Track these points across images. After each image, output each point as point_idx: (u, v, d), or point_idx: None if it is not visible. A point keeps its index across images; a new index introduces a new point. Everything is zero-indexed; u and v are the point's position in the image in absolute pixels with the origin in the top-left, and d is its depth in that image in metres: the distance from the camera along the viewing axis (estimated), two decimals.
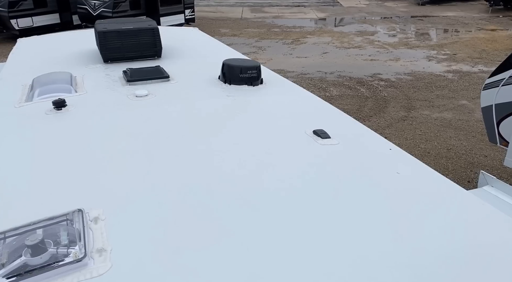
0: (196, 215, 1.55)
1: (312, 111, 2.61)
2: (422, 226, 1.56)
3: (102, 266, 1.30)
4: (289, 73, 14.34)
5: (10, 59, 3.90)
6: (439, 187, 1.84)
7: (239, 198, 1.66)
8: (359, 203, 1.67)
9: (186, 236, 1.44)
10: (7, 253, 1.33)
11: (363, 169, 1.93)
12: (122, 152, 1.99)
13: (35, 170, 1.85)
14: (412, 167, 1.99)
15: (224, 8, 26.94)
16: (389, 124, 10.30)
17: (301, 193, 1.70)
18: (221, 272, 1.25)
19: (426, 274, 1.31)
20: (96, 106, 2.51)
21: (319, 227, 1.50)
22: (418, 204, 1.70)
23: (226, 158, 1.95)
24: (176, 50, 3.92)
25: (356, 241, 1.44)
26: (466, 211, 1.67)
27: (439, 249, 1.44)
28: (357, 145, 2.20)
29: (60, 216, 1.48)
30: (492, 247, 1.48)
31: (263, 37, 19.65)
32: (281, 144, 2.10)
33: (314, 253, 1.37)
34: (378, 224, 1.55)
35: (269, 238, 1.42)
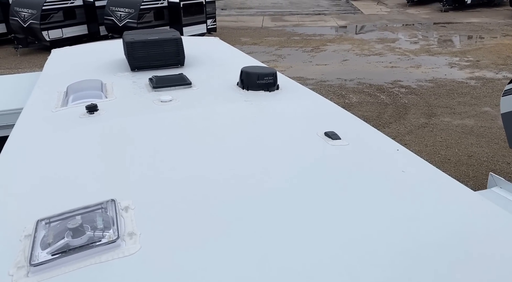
0: (214, 207, 1.72)
1: (324, 114, 2.75)
2: (428, 225, 1.63)
3: (132, 247, 1.49)
4: (309, 81, 14.47)
5: (46, 69, 4.20)
6: (446, 187, 1.94)
7: (254, 193, 1.82)
8: (365, 201, 1.78)
9: (205, 225, 1.61)
10: (52, 235, 1.53)
11: (370, 168, 2.06)
12: (148, 150, 2.19)
13: (73, 166, 2.06)
14: (419, 167, 2.10)
15: (245, 17, 27.34)
16: (409, 131, 10.27)
17: (311, 190, 1.84)
18: (237, 256, 1.41)
19: (429, 272, 1.40)
20: (125, 110, 2.73)
21: (325, 222, 1.63)
22: (424, 203, 1.80)
23: (243, 157, 2.12)
24: (198, 59, 4.14)
25: (361, 239, 1.54)
26: (473, 211, 1.76)
27: (444, 247, 1.52)
28: (366, 145, 2.33)
29: (96, 205, 1.68)
30: (498, 247, 1.55)
31: (283, 45, 19.85)
32: (294, 144, 2.26)
33: (319, 246, 1.50)
34: (383, 223, 1.64)
35: (280, 231, 1.56)
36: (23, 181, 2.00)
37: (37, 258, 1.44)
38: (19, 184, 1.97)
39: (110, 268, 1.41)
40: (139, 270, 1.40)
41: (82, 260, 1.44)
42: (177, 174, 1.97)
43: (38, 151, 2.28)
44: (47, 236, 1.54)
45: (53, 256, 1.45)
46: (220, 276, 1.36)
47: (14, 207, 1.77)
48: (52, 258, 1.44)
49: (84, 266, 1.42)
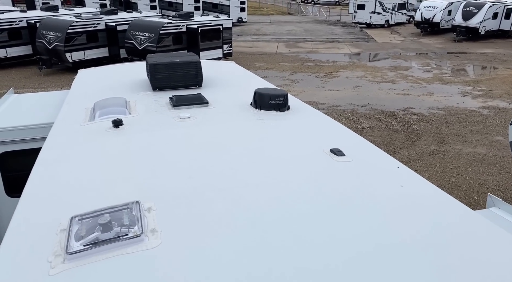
0: (225, 211, 1.91)
1: (331, 133, 2.94)
2: (425, 240, 1.74)
3: (154, 242, 1.68)
4: (321, 105, 14.71)
5: (73, 87, 4.52)
6: (444, 204, 2.08)
7: (261, 201, 2.00)
8: (365, 214, 1.93)
9: (216, 225, 1.80)
10: (85, 229, 1.74)
11: (371, 183, 2.22)
12: (168, 161, 2.41)
13: (101, 172, 2.29)
14: (418, 184, 2.25)
15: (260, 43, 28.04)
16: (420, 158, 10.34)
17: (315, 202, 2.02)
18: (243, 252, 1.58)
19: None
20: (147, 125, 2.97)
21: (324, 231, 1.79)
22: (422, 218, 1.93)
23: (253, 169, 2.32)
24: (215, 81, 4.41)
25: (358, 253, 1.64)
26: (470, 228, 1.89)
27: (441, 262, 1.60)
28: (368, 162, 2.49)
29: (122, 205, 1.89)
30: (495, 263, 1.63)
31: (297, 70, 20.26)
32: (301, 159, 2.45)
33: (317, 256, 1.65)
34: (381, 237, 1.76)
35: (286, 234, 1.72)
36: (58, 184, 2.23)
37: (72, 247, 1.65)
38: (54, 187, 2.20)
39: (134, 259, 1.60)
40: (160, 261, 1.59)
41: (110, 251, 1.63)
42: (194, 181, 2.18)
43: (70, 159, 2.52)
44: (80, 230, 1.74)
45: (85, 247, 1.65)
46: (229, 269, 1.54)
47: (50, 206, 1.99)
48: (84, 248, 1.64)
49: (112, 256, 1.61)
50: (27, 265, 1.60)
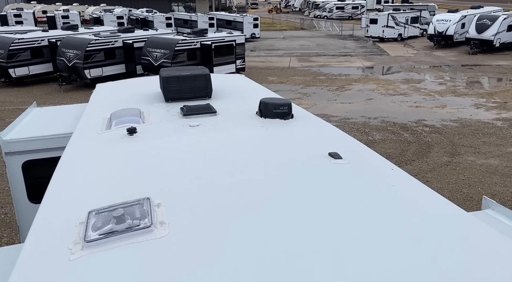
0: (228, 207, 2.09)
1: (331, 139, 3.10)
2: (417, 240, 1.81)
3: (162, 232, 1.87)
4: (332, 118, 14.84)
5: (92, 100, 4.81)
6: (438, 205, 2.20)
7: (262, 198, 2.18)
8: (358, 213, 2.05)
9: (220, 220, 1.97)
10: (101, 222, 1.94)
11: (365, 183, 2.37)
12: (177, 163, 2.61)
13: (116, 173, 2.50)
14: (410, 185, 2.38)
15: (273, 58, 28.45)
16: (431, 169, 10.34)
17: (309, 202, 2.18)
18: (240, 246, 1.73)
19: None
20: (159, 133, 3.19)
21: (320, 227, 1.92)
22: (415, 218, 2.04)
23: (255, 170, 2.50)
24: (224, 92, 4.63)
25: (348, 252, 1.72)
26: (463, 228, 2.00)
27: (432, 261, 1.66)
28: (364, 165, 2.64)
29: (135, 201, 2.08)
30: (488, 262, 1.69)
31: (309, 84, 20.47)
32: (301, 162, 2.61)
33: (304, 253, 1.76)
34: (372, 236, 1.85)
35: (282, 228, 1.86)
36: (77, 184, 2.45)
37: (89, 237, 1.85)
38: (73, 187, 2.42)
39: (144, 247, 1.79)
40: (168, 249, 1.77)
41: (123, 240, 1.82)
42: (200, 181, 2.37)
43: (87, 163, 2.75)
44: (97, 222, 1.95)
45: (101, 236, 1.84)
46: (229, 256, 1.71)
47: (70, 204, 2.20)
48: (100, 237, 1.84)
49: (124, 244, 1.80)
50: (51, 252, 1.80)
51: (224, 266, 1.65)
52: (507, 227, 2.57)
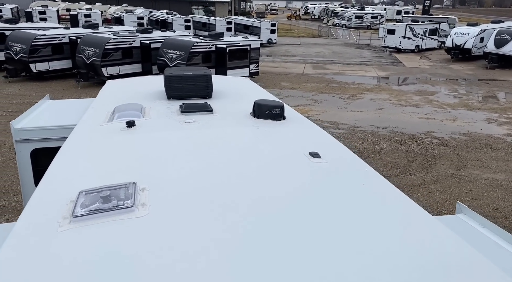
0: (209, 194, 2.27)
1: (317, 140, 3.26)
2: (380, 241, 1.88)
3: (143, 212, 2.07)
4: (341, 125, 14.93)
5: (100, 94, 5.07)
6: (404, 207, 2.29)
7: (240, 189, 2.36)
8: (325, 209, 2.17)
9: (199, 204, 2.16)
10: (89, 201, 2.15)
11: (336, 180, 2.53)
12: (168, 155, 2.81)
13: (110, 161, 2.72)
14: (380, 185, 2.52)
15: (288, 64, 28.66)
16: (435, 180, 10.35)
17: (279, 192, 2.34)
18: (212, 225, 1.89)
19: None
20: (156, 127, 3.41)
21: (279, 218, 2.04)
22: (379, 218, 2.11)
23: (239, 164, 2.69)
24: (226, 93, 4.83)
25: (295, 245, 1.80)
26: (425, 232, 2.02)
27: (393, 262, 1.72)
28: (341, 164, 2.79)
29: (121, 184, 2.29)
30: (444, 265, 1.75)
31: (321, 91, 20.58)
32: (282, 159, 2.79)
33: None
34: (336, 233, 1.94)
35: (259, 214, 2.02)
36: (72, 169, 2.67)
37: (77, 212, 2.06)
38: (69, 171, 2.64)
39: (125, 224, 1.99)
40: (146, 227, 1.97)
41: (106, 217, 2.03)
42: (185, 171, 2.57)
43: (85, 150, 2.98)
44: (85, 201, 2.16)
45: (87, 212, 2.05)
46: (201, 236, 1.89)
47: (65, 185, 2.42)
48: (86, 213, 2.05)
49: (107, 221, 2.01)
50: (41, 225, 2.02)
51: (193, 244, 1.84)
52: (475, 231, 2.70)
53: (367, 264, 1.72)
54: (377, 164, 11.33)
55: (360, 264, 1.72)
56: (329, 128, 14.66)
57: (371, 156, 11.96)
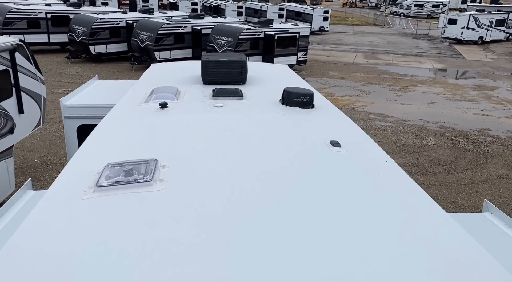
0: (226, 175, 2.38)
1: (341, 130, 3.25)
2: (383, 234, 1.86)
3: (160, 187, 2.22)
4: (388, 118, 14.48)
5: (142, 77, 5.33)
6: (418, 201, 2.22)
7: (256, 172, 2.44)
8: (339, 199, 2.16)
9: (212, 184, 2.27)
10: (113, 173, 2.34)
11: (353, 170, 2.53)
12: (193, 136, 2.95)
13: (140, 139, 2.91)
14: (397, 178, 2.48)
15: (338, 53, 28.03)
16: (484, 180, 9.81)
17: (293, 178, 2.38)
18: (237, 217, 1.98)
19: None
20: (186, 109, 3.56)
21: (303, 211, 2.07)
22: (387, 211, 2.06)
23: (257, 149, 2.76)
24: (261, 79, 4.90)
25: (321, 240, 1.79)
26: (437, 228, 1.97)
27: (400, 256, 1.70)
28: (360, 154, 2.77)
29: (144, 160, 2.46)
30: (452, 261, 1.72)
31: (371, 82, 19.99)
32: (302, 146, 2.82)
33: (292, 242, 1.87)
34: (339, 224, 1.94)
35: (269, 219, 2.09)
36: (105, 144, 2.89)
37: (101, 183, 2.25)
38: (101, 146, 2.86)
39: (142, 196, 2.15)
40: (160, 199, 2.12)
41: (126, 189, 2.20)
42: (207, 151, 2.69)
43: (118, 128, 3.19)
44: (110, 173, 2.34)
45: (110, 184, 2.24)
46: (213, 211, 2.00)
47: (96, 158, 2.64)
48: (109, 184, 2.23)
49: (127, 192, 2.18)
50: (69, 193, 2.23)
51: (200, 219, 1.96)
52: (498, 231, 2.59)
53: (364, 259, 1.73)
54: (423, 159, 10.92)
55: (357, 259, 1.73)
56: (375, 120, 14.28)
57: (417, 151, 11.54)
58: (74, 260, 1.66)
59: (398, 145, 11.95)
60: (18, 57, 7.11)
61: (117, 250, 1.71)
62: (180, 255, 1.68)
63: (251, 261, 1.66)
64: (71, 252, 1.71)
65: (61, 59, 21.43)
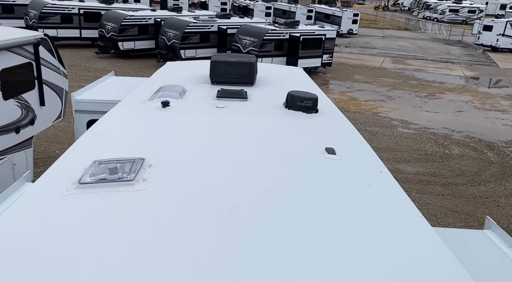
0: (208, 179, 2.34)
1: (341, 137, 3.14)
2: (361, 246, 1.79)
3: (141, 187, 2.21)
4: (412, 125, 14.10)
5: (154, 74, 5.37)
6: (405, 215, 2.12)
7: (240, 178, 2.39)
8: (326, 207, 2.10)
9: (195, 188, 2.24)
10: (98, 170, 2.35)
11: (343, 178, 2.44)
12: (188, 135, 2.94)
13: (134, 137, 2.92)
14: (389, 191, 2.35)
15: (366, 56, 27.55)
16: (508, 194, 9.38)
17: (280, 184, 2.32)
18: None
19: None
20: (187, 109, 3.55)
21: (288, 216, 2.04)
22: (370, 223, 1.98)
23: (249, 153, 2.71)
24: (271, 82, 4.84)
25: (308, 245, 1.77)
26: (418, 241, 1.87)
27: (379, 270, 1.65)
28: (355, 163, 2.67)
29: (130, 159, 2.46)
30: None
31: (396, 87, 19.54)
32: (296, 152, 2.75)
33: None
34: (317, 232, 1.88)
35: (261, 204, 2.02)
36: (99, 139, 2.92)
37: (84, 180, 2.26)
38: (95, 141, 2.89)
39: (122, 195, 2.14)
40: (140, 199, 2.11)
41: (108, 187, 2.20)
42: (198, 152, 2.67)
43: (116, 124, 3.22)
44: (95, 170, 2.35)
45: (92, 181, 2.24)
46: (192, 211, 1.96)
47: (87, 154, 2.66)
48: (92, 181, 2.24)
49: (108, 190, 2.17)
50: (52, 188, 2.25)
51: (173, 222, 1.93)
52: (497, 249, 2.45)
53: (335, 272, 1.66)
54: (444, 169, 10.57)
55: (328, 273, 1.67)
56: (397, 127, 13.94)
57: (438, 160, 11.18)
58: (35, 251, 1.67)
59: (419, 153, 11.62)
60: (41, 50, 7.33)
61: (65, 248, 1.71)
62: (135, 258, 1.66)
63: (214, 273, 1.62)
64: (35, 242, 1.72)
65: (91, 54, 22.00)
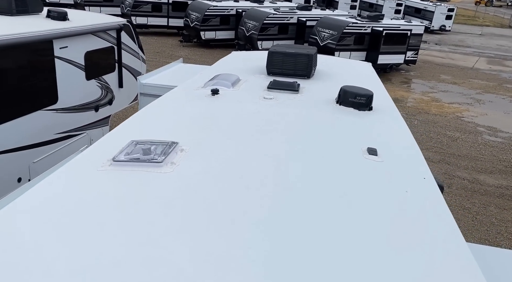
0: (239, 169, 2.32)
1: (390, 137, 2.89)
2: (394, 254, 1.66)
3: (168, 169, 2.26)
4: (500, 133, 12.73)
5: (217, 63, 5.47)
6: (438, 228, 1.88)
7: (272, 172, 2.33)
8: (350, 211, 1.96)
9: (229, 176, 2.23)
10: (133, 150, 2.45)
11: (380, 182, 2.25)
12: (226, 125, 2.94)
13: (177, 121, 3.01)
14: (427, 199, 2.11)
15: (457, 55, 25.39)
16: None
17: (314, 184, 2.20)
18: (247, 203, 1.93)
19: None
20: (235, 98, 3.55)
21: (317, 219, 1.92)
22: (397, 233, 1.82)
23: (287, 148, 2.63)
24: (331, 76, 4.65)
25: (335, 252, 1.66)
26: (447, 258, 1.70)
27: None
28: (396, 166, 2.44)
29: (164, 141, 2.53)
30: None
31: (488, 90, 17.75)
32: (335, 151, 2.59)
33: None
34: (347, 238, 1.76)
35: (289, 205, 1.92)
36: (144, 121, 3.05)
37: (118, 158, 2.37)
38: (141, 122, 3.02)
39: (149, 175, 2.21)
40: (165, 181, 2.16)
41: (138, 167, 2.28)
42: (232, 142, 2.66)
43: (165, 109, 3.33)
44: (130, 150, 2.46)
45: (125, 159, 2.35)
46: (216, 197, 1.97)
47: (129, 133, 2.79)
48: (125, 160, 2.34)
49: (138, 170, 2.26)
50: (89, 164, 2.39)
51: (193, 206, 1.95)
52: None
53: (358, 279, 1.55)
54: None
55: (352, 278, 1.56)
56: (482, 134, 12.70)
57: None
58: (55, 223, 1.79)
59: (504, 164, 10.48)
60: (123, 36, 7.89)
61: (86, 224, 1.79)
62: (140, 240, 1.69)
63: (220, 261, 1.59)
64: (59, 215, 1.84)
65: (175, 42, 23.18)
